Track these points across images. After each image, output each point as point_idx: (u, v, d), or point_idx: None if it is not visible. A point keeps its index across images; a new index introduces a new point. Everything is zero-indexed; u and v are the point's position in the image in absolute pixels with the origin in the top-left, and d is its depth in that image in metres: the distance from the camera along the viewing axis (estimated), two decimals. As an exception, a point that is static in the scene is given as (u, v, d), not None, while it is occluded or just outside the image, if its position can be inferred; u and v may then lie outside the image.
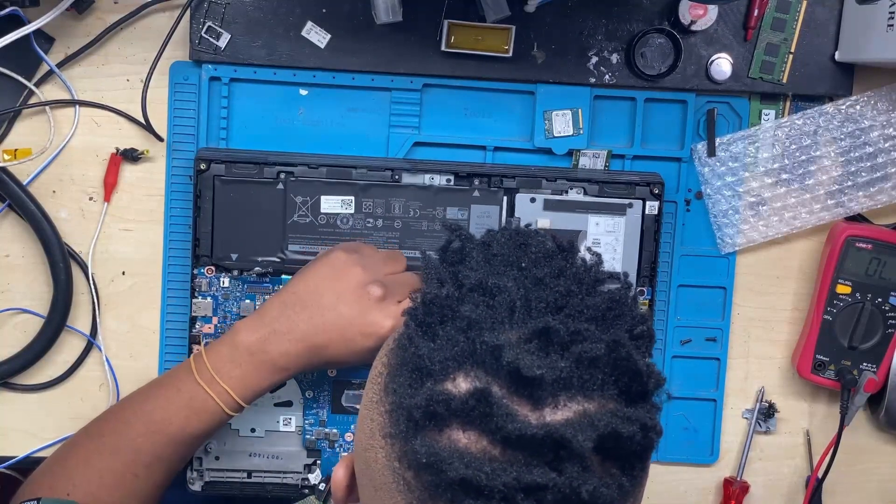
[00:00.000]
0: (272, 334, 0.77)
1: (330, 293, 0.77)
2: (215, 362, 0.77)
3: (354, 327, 0.76)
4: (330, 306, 0.77)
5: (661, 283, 0.90)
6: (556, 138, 0.89)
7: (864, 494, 0.96)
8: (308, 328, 0.76)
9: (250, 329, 0.77)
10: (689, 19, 0.87)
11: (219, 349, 0.78)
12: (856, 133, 0.90)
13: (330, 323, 0.76)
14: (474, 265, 0.55)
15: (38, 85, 0.86)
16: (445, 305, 0.53)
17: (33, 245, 0.87)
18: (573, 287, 0.54)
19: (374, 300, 0.77)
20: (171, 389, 0.78)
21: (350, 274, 0.78)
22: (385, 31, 0.85)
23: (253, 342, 0.77)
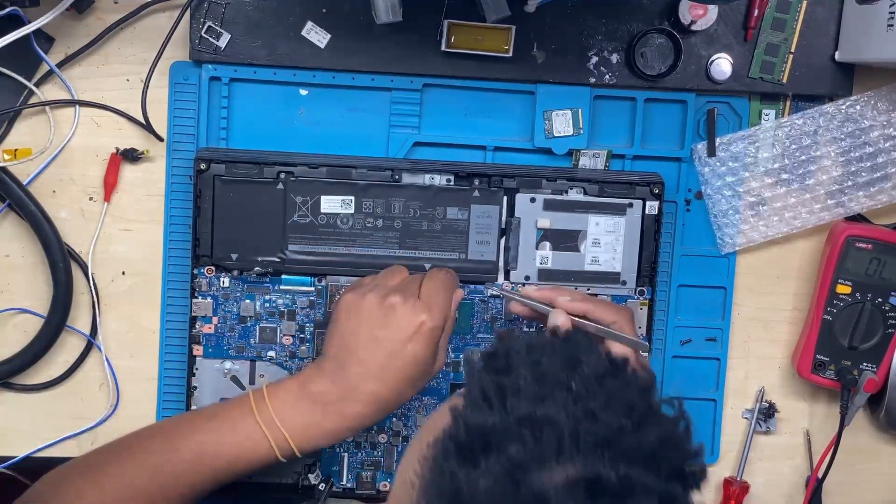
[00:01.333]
0: (334, 385, 0.76)
1: (361, 329, 0.76)
2: (278, 406, 0.76)
3: (399, 341, 0.76)
4: (369, 338, 0.76)
5: (661, 283, 0.90)
6: (556, 138, 0.89)
7: (864, 494, 0.96)
8: (362, 371, 0.76)
9: (316, 379, 0.76)
10: (689, 19, 0.87)
11: (284, 394, 0.76)
12: (856, 133, 0.90)
13: (378, 351, 0.76)
14: (522, 384, 0.53)
15: (38, 85, 0.86)
16: (490, 434, 0.51)
17: (33, 245, 0.87)
18: (625, 422, 0.51)
19: (399, 306, 0.76)
20: (226, 424, 0.76)
21: (365, 303, 0.77)
22: (385, 31, 0.85)
23: (319, 392, 0.76)
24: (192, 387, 0.87)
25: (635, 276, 0.88)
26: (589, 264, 0.88)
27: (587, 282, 0.88)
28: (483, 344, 0.89)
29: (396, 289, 0.78)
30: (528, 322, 0.88)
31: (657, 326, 0.91)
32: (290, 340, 0.88)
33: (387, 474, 0.90)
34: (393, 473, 0.90)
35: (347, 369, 0.76)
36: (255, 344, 0.88)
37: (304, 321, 0.87)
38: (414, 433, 0.79)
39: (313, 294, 0.87)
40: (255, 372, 0.88)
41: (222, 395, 0.87)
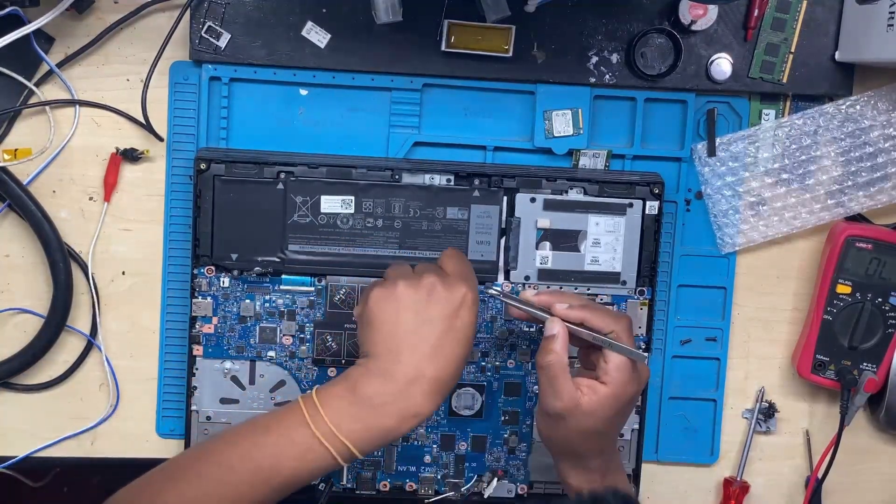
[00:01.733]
0: (389, 383, 0.73)
1: (406, 316, 0.74)
2: (333, 415, 0.73)
3: (448, 317, 0.74)
4: (418, 322, 0.74)
5: (661, 283, 0.90)
6: (556, 138, 0.89)
7: (864, 494, 0.96)
8: (417, 359, 0.73)
9: (367, 381, 0.73)
10: (689, 19, 0.87)
11: (337, 402, 0.73)
12: (856, 133, 0.90)
13: (431, 334, 0.74)
14: None
15: (38, 85, 0.86)
16: None
17: (33, 245, 0.87)
18: None
19: (438, 284, 0.74)
20: (283, 439, 0.73)
21: (400, 291, 0.74)
22: (385, 31, 0.85)
23: (374, 394, 0.73)
24: (192, 387, 0.87)
25: (635, 276, 0.88)
26: (589, 264, 0.88)
27: (587, 282, 0.88)
28: (482, 344, 0.89)
29: (424, 270, 0.76)
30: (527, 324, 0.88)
31: (657, 326, 0.91)
32: (290, 340, 0.88)
33: (386, 474, 0.90)
34: (392, 473, 0.90)
35: (400, 362, 0.73)
36: (255, 344, 0.88)
37: (304, 321, 0.87)
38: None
39: (313, 294, 0.87)
40: (255, 372, 0.88)
41: (222, 396, 0.87)
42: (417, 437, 0.90)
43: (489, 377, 0.89)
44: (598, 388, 0.76)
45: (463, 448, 0.90)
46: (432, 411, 0.74)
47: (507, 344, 0.89)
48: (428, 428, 0.90)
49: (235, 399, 0.88)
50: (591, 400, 0.76)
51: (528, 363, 0.89)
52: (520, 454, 0.91)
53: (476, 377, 0.89)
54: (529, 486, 0.91)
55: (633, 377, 0.77)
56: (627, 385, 0.77)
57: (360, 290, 0.87)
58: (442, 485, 0.91)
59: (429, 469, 0.90)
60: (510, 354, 0.89)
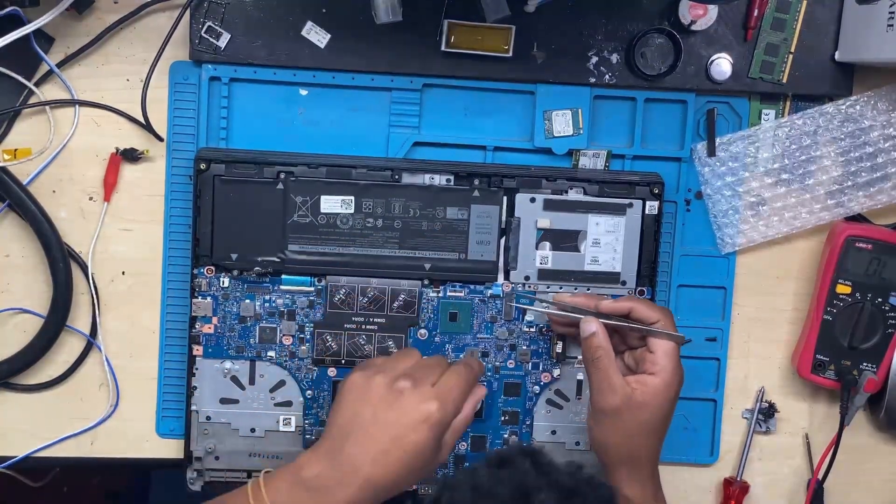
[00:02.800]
0: (330, 469, 0.73)
1: (365, 410, 0.74)
2: (274, 495, 0.73)
3: (403, 427, 0.73)
4: (372, 420, 0.74)
5: (661, 283, 0.90)
6: (556, 138, 0.89)
7: (864, 494, 0.96)
8: (361, 455, 0.73)
9: (311, 463, 0.74)
10: (689, 19, 0.87)
11: (278, 483, 0.74)
12: (856, 133, 0.90)
13: (379, 435, 0.73)
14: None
15: (38, 85, 0.86)
16: None
17: (33, 245, 0.87)
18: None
19: (408, 391, 0.74)
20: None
21: (373, 385, 0.75)
22: (385, 31, 0.85)
23: (313, 476, 0.73)
24: (192, 387, 0.87)
25: (635, 276, 0.88)
26: (589, 264, 0.88)
27: (587, 282, 0.88)
28: (482, 344, 0.89)
29: (408, 373, 0.76)
30: (527, 324, 0.88)
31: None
32: (290, 340, 0.88)
33: (387, 474, 0.90)
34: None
35: (345, 451, 0.73)
36: (254, 344, 0.88)
37: (304, 321, 0.87)
38: None
39: (313, 294, 0.87)
40: (255, 372, 0.88)
41: (222, 396, 0.87)
42: (417, 437, 0.90)
43: (489, 377, 0.89)
44: (647, 380, 0.79)
45: (463, 448, 0.90)
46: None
47: (507, 344, 0.89)
48: (428, 428, 0.90)
49: (235, 399, 0.88)
50: (643, 392, 0.79)
51: (527, 363, 0.89)
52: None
53: (476, 377, 0.89)
54: (529, 486, 0.91)
55: (679, 366, 0.80)
56: (675, 374, 0.80)
57: (359, 290, 0.87)
58: (442, 485, 0.90)
59: (429, 469, 0.90)
60: (510, 354, 0.89)
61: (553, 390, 0.90)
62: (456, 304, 0.88)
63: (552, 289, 0.88)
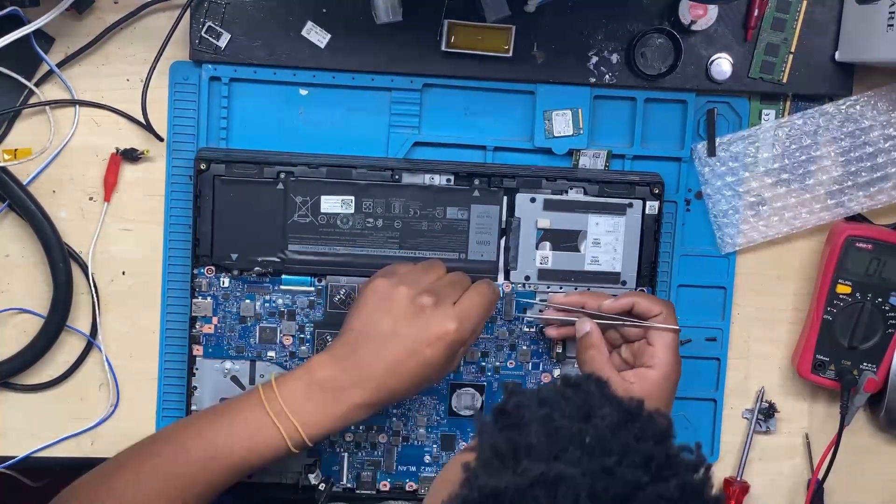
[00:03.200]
0: (343, 372, 0.75)
1: (385, 320, 0.76)
2: (287, 395, 0.75)
3: (420, 342, 0.75)
4: (390, 332, 0.75)
5: (661, 283, 0.90)
6: (556, 138, 0.89)
7: (864, 494, 0.96)
8: (376, 363, 0.75)
9: (325, 365, 0.76)
10: (689, 19, 0.87)
11: (292, 383, 0.76)
12: (856, 133, 0.90)
13: (395, 346, 0.75)
14: (534, 441, 0.51)
15: (38, 85, 0.86)
16: (503, 497, 0.49)
17: (33, 245, 0.87)
18: (642, 476, 0.50)
19: (429, 309, 0.76)
20: (237, 418, 0.76)
21: (396, 294, 0.76)
22: (385, 31, 0.85)
23: (327, 378, 0.75)
24: (192, 387, 0.87)
25: (635, 276, 0.88)
26: (589, 264, 0.88)
27: (587, 282, 0.88)
28: (482, 344, 0.89)
29: (432, 289, 0.77)
30: (527, 324, 0.88)
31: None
32: (290, 340, 0.88)
33: (387, 474, 0.90)
34: (393, 473, 0.90)
35: (360, 356, 0.75)
36: (255, 344, 0.88)
37: (304, 321, 0.87)
38: None
39: (313, 294, 0.87)
40: (255, 372, 0.88)
41: (222, 396, 0.87)
42: (417, 437, 0.90)
43: (489, 377, 0.89)
44: (646, 374, 0.80)
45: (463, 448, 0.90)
46: (374, 412, 0.77)
47: (507, 344, 0.89)
48: (428, 428, 0.90)
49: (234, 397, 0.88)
50: (642, 387, 0.79)
51: (527, 363, 0.89)
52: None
53: (476, 377, 0.89)
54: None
55: (678, 359, 0.81)
56: (674, 366, 0.80)
57: (359, 290, 0.87)
58: (442, 485, 0.90)
59: (429, 469, 0.90)
60: (510, 354, 0.89)
61: (553, 390, 0.90)
62: (456, 304, 0.88)
63: (552, 289, 0.88)
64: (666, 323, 0.81)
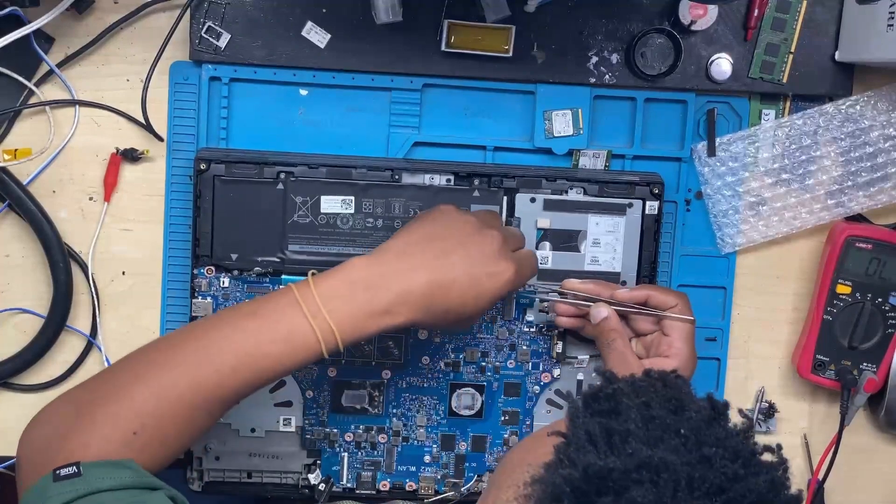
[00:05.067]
0: (393, 272, 0.72)
1: (453, 236, 0.74)
2: (324, 294, 0.70)
3: (482, 267, 0.73)
4: (457, 244, 0.73)
5: (662, 283, 0.90)
6: (556, 138, 0.89)
7: (864, 494, 0.96)
8: (434, 261, 0.72)
9: (368, 264, 0.72)
10: (689, 19, 0.87)
11: (330, 281, 0.71)
12: (856, 133, 0.90)
13: (458, 259, 0.73)
14: (632, 427, 0.52)
15: (38, 85, 0.86)
16: (609, 477, 0.50)
17: (33, 245, 0.87)
18: (738, 469, 0.51)
19: (498, 244, 0.75)
20: (268, 320, 0.70)
21: (467, 221, 0.75)
22: (385, 31, 0.85)
23: (371, 276, 0.71)
24: (192, 387, 0.87)
25: (635, 276, 0.88)
26: (589, 264, 0.88)
27: (587, 282, 0.88)
28: (482, 344, 0.89)
29: (500, 229, 0.77)
30: (527, 324, 0.88)
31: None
32: (290, 340, 0.87)
33: (386, 474, 0.90)
34: (392, 473, 0.90)
35: (412, 256, 0.72)
36: (255, 344, 0.87)
37: (304, 321, 0.87)
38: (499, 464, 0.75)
39: (313, 294, 0.87)
40: (255, 372, 0.88)
41: (222, 395, 0.87)
42: (417, 437, 0.90)
43: (489, 377, 0.89)
44: (663, 364, 0.80)
45: (463, 448, 0.90)
46: (415, 318, 0.72)
47: (507, 344, 0.89)
48: (428, 428, 0.90)
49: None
50: None
51: (527, 363, 0.89)
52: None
53: (476, 377, 0.89)
54: (529, 486, 0.91)
55: (693, 350, 0.81)
56: (690, 357, 0.81)
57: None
58: (442, 485, 0.91)
59: (429, 469, 0.90)
60: (510, 354, 0.89)
61: (553, 390, 0.90)
62: (456, 304, 0.88)
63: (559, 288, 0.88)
64: (682, 312, 0.81)
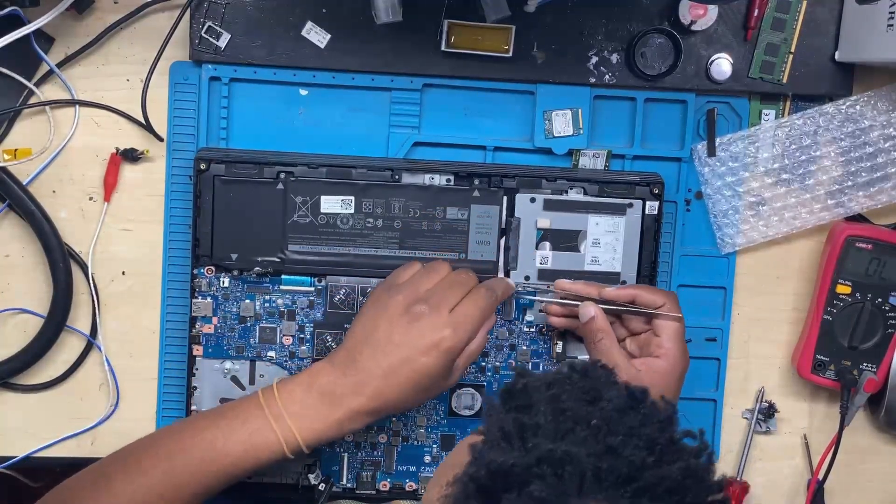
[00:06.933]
0: (343, 378, 0.77)
1: (381, 327, 0.77)
2: (286, 399, 0.76)
3: (414, 349, 0.76)
4: (386, 339, 0.77)
5: (661, 283, 0.90)
6: (556, 138, 0.89)
7: (864, 494, 0.96)
8: (374, 370, 0.76)
9: (325, 371, 0.77)
10: (689, 19, 0.87)
11: (292, 387, 0.77)
12: (856, 133, 0.90)
13: (391, 354, 0.76)
14: (541, 421, 0.52)
15: (38, 85, 0.86)
16: (511, 473, 0.50)
17: (33, 245, 0.87)
18: (647, 457, 0.51)
19: (424, 317, 0.76)
20: (235, 420, 0.77)
21: (392, 303, 0.78)
22: (385, 31, 0.85)
23: (327, 383, 0.77)
24: (192, 387, 0.87)
25: (635, 276, 0.88)
26: (589, 264, 0.88)
27: (587, 282, 0.88)
28: (483, 344, 0.89)
29: (428, 296, 0.78)
30: (527, 323, 0.88)
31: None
32: (290, 340, 0.88)
33: (386, 474, 0.90)
34: (392, 473, 0.90)
35: (358, 363, 0.76)
36: (255, 344, 0.88)
37: (304, 321, 0.87)
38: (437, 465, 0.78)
39: (313, 294, 0.87)
40: (255, 372, 0.88)
41: (222, 396, 0.87)
42: (417, 437, 0.90)
43: (489, 377, 0.89)
44: (653, 363, 0.80)
45: (463, 448, 0.90)
46: (372, 420, 0.78)
47: (507, 344, 0.89)
48: (428, 428, 0.90)
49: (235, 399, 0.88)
50: (649, 373, 0.79)
51: (527, 363, 0.89)
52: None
53: (476, 377, 0.89)
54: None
55: (685, 350, 0.81)
56: (681, 356, 0.81)
57: (359, 290, 0.87)
58: (442, 485, 0.90)
59: (429, 469, 0.90)
60: (510, 354, 0.89)
61: (553, 390, 0.90)
62: (456, 304, 0.88)
63: (552, 288, 0.88)
64: (671, 311, 0.81)
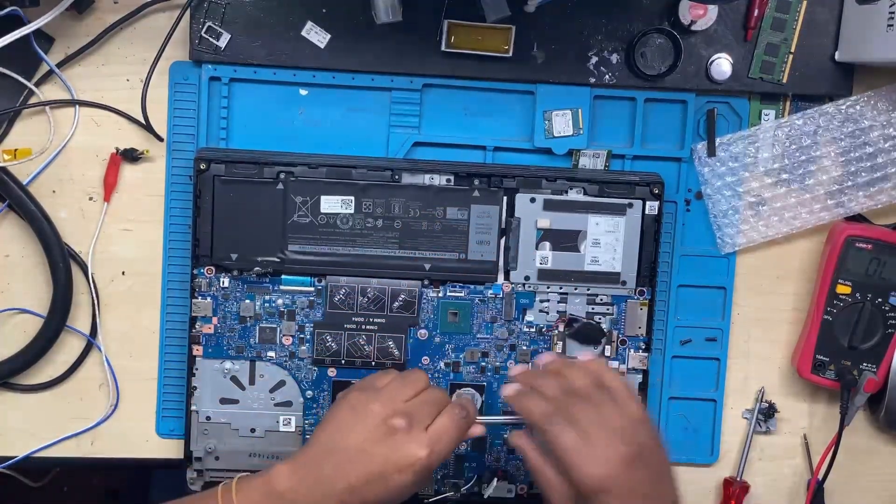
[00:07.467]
0: (303, 484, 0.72)
1: (354, 434, 0.73)
2: (244, 500, 0.72)
3: (389, 465, 0.72)
4: (358, 450, 0.72)
5: (661, 283, 0.90)
6: (556, 138, 0.89)
7: (864, 494, 0.96)
8: (339, 480, 0.71)
9: (285, 475, 0.72)
10: (689, 19, 0.87)
11: (250, 491, 0.73)
12: (856, 133, 0.90)
13: (362, 466, 0.72)
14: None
15: (38, 85, 0.86)
16: None
17: (33, 245, 0.87)
18: None
19: (401, 433, 0.72)
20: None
21: (369, 412, 0.73)
22: (385, 31, 0.85)
23: (286, 490, 0.72)
24: (192, 387, 0.87)
25: (635, 276, 0.88)
26: (589, 264, 0.88)
27: (587, 282, 0.88)
28: (482, 344, 0.89)
29: (406, 409, 0.74)
30: (527, 323, 0.88)
31: (657, 327, 0.91)
32: (290, 340, 0.88)
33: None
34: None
35: (324, 471, 0.72)
36: (254, 344, 0.88)
37: (304, 321, 0.87)
38: None
39: (313, 294, 0.87)
40: (254, 372, 0.88)
41: (222, 396, 0.87)
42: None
43: (489, 377, 0.89)
44: None
45: (463, 448, 0.90)
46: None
47: (507, 344, 0.89)
48: (428, 428, 0.90)
49: (235, 399, 0.88)
50: None
51: (527, 363, 0.89)
52: (519, 454, 0.91)
53: (476, 377, 0.89)
54: (529, 486, 0.91)
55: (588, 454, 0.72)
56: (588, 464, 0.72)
57: (359, 290, 0.87)
58: (442, 485, 0.90)
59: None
60: (510, 354, 0.89)
61: (553, 390, 0.90)
62: (456, 304, 0.88)
63: (552, 289, 0.88)
64: (557, 430, 0.73)
